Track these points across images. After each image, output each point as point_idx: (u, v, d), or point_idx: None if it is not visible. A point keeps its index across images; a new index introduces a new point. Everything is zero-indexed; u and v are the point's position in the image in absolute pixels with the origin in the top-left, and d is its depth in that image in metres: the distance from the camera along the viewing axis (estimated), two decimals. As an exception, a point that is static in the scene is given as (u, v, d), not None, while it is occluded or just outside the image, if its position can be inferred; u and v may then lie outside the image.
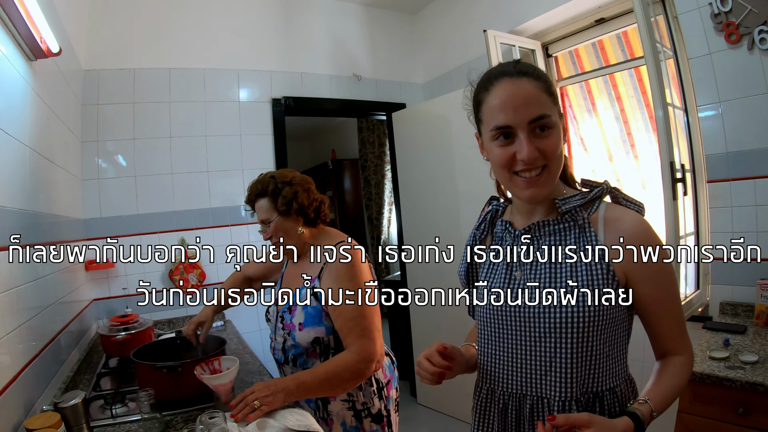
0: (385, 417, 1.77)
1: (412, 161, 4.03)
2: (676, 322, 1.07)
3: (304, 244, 1.84)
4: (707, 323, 2.22)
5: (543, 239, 1.10)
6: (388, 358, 1.88)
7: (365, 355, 1.61)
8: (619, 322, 1.05)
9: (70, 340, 2.18)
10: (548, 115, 0.99)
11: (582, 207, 1.06)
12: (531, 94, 0.99)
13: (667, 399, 1.02)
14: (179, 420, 1.59)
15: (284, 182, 1.78)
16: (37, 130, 1.89)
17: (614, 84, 3.17)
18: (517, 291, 1.10)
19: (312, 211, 1.81)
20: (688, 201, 2.36)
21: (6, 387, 1.32)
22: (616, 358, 1.07)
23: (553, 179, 1.03)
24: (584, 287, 1.01)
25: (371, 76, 4.09)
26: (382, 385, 1.78)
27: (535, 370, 1.07)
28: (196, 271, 3.21)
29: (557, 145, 1.00)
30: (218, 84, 3.37)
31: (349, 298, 1.64)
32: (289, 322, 1.73)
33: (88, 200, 2.95)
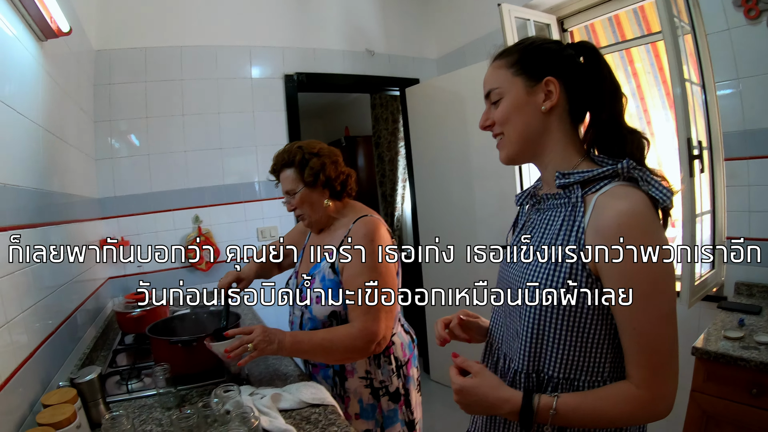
0: (402, 396, 1.74)
1: (426, 136, 4.00)
2: (642, 346, 0.92)
3: (329, 217, 1.80)
4: (722, 303, 2.21)
5: (543, 212, 1.10)
6: (408, 336, 1.85)
7: (366, 333, 1.56)
8: (586, 316, 0.96)
9: (86, 317, 2.22)
10: (494, 88, 1.08)
11: (581, 184, 1.00)
12: (487, 75, 1.11)
13: (579, 413, 0.94)
14: (194, 394, 1.62)
15: (312, 153, 1.73)
16: (49, 110, 1.90)
17: (630, 59, 3.12)
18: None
19: (338, 184, 1.76)
20: (705, 179, 2.33)
21: (22, 364, 1.35)
22: (583, 350, 0.98)
23: (510, 144, 1.08)
24: (551, 264, 0.98)
25: (384, 51, 4.04)
26: (401, 364, 1.75)
27: (511, 333, 1.09)
28: (211, 247, 3.24)
29: (504, 113, 1.06)
30: (230, 61, 3.36)
31: (360, 273, 1.60)
32: (308, 294, 1.72)
33: (102, 179, 2.98)
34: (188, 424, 1.24)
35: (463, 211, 3.68)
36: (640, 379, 0.91)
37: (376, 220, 1.72)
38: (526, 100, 1.04)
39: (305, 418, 1.39)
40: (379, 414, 1.71)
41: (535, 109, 1.04)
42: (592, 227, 0.94)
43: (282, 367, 1.83)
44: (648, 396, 0.91)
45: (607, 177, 0.98)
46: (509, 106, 1.06)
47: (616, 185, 0.95)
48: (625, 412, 0.92)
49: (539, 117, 1.04)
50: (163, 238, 3.15)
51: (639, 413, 0.93)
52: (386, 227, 1.73)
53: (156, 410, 1.51)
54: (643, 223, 0.90)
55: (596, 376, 0.98)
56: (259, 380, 1.71)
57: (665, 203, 0.94)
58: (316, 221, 1.79)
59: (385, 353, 1.71)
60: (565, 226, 0.99)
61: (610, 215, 0.91)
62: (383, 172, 5.56)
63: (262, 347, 1.47)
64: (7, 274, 1.31)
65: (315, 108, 6.64)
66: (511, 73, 1.06)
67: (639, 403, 0.91)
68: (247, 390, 1.52)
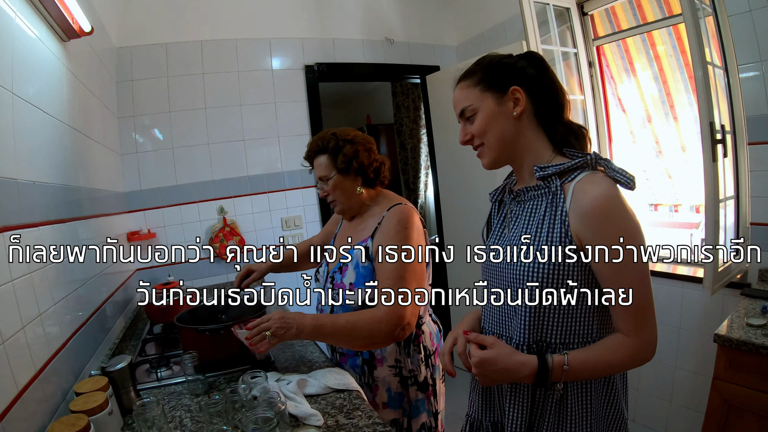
0: (430, 386, 1.74)
1: (447, 124, 3.98)
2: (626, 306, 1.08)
3: (362, 205, 1.80)
4: (745, 290, 2.19)
5: (525, 203, 1.22)
6: (437, 326, 1.86)
7: (392, 317, 1.53)
8: (579, 283, 1.10)
9: (114, 309, 2.27)
10: (467, 106, 1.21)
11: (559, 175, 1.14)
12: (456, 97, 1.25)
13: (587, 365, 1.08)
14: (222, 381, 1.65)
15: (345, 140, 1.74)
16: (74, 109, 1.94)
17: (652, 43, 3.06)
18: (501, 246, 1.24)
19: (371, 172, 1.77)
20: (728, 164, 2.28)
21: (55, 354, 1.39)
22: (578, 317, 1.12)
23: (491, 151, 1.22)
24: (540, 246, 1.11)
25: (404, 39, 4.03)
26: (430, 353, 1.74)
27: (506, 315, 1.22)
28: (236, 238, 3.29)
29: (480, 125, 1.20)
30: (250, 53, 3.39)
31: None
32: (340, 281, 1.70)
33: (128, 174, 3.04)
34: (216, 409, 1.28)
35: (485, 197, 3.62)
36: (628, 330, 1.09)
37: (410, 208, 1.72)
38: (498, 110, 1.18)
39: (330, 403, 1.42)
40: (406, 403, 1.71)
41: (508, 117, 1.18)
42: (574, 210, 1.09)
43: (307, 353, 1.86)
44: (638, 342, 1.09)
45: (579, 167, 1.13)
46: (485, 119, 1.19)
47: (588, 174, 1.11)
48: (623, 357, 1.09)
49: (512, 123, 1.19)
50: (188, 230, 3.22)
51: (632, 358, 1.09)
52: (419, 216, 1.73)
53: (185, 397, 1.55)
54: (615, 203, 1.06)
55: (587, 338, 1.14)
56: (285, 367, 1.74)
57: (628, 185, 1.09)
58: (348, 208, 1.79)
59: (414, 342, 1.71)
60: (549, 211, 1.13)
61: (588, 199, 1.06)
62: (406, 159, 5.56)
63: (280, 333, 1.47)
64: (38, 268, 1.36)
65: (336, 97, 6.64)
66: (479, 90, 1.20)
67: (631, 349, 1.09)
68: (273, 376, 1.55)
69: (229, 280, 3.31)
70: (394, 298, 1.54)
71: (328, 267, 1.84)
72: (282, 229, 3.50)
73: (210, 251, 3.26)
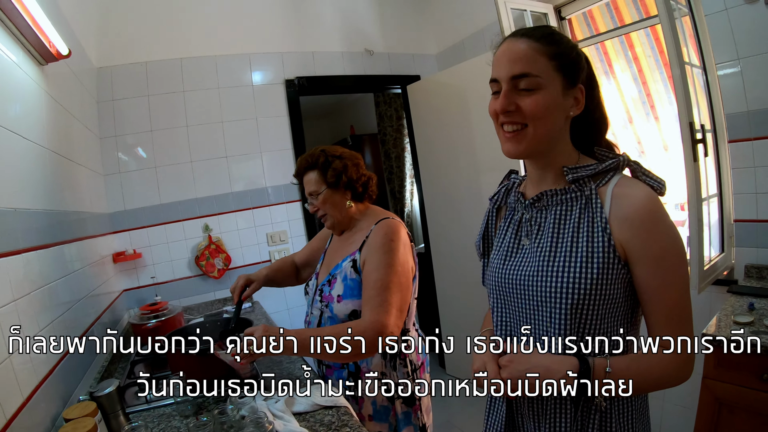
0: (417, 400, 1.74)
1: (430, 132, 4.01)
2: (671, 317, 0.99)
3: (351, 219, 1.84)
4: (732, 287, 2.20)
5: (550, 208, 1.10)
6: (422, 341, 1.86)
7: (375, 326, 1.52)
8: (618, 300, 1.01)
9: (102, 331, 2.25)
10: (533, 75, 0.99)
11: (591, 178, 1.04)
12: (521, 52, 1.01)
13: (631, 371, 0.97)
14: (211, 401, 1.63)
15: (334, 156, 1.78)
16: (54, 132, 1.93)
17: (631, 44, 3.10)
18: (522, 258, 1.12)
19: (360, 186, 1.81)
20: (710, 162, 2.31)
21: (43, 381, 1.38)
22: (612, 329, 1.03)
23: (533, 139, 1.03)
24: (582, 259, 1.00)
25: (383, 50, 4.06)
26: (416, 367, 1.76)
27: (533, 336, 1.09)
28: (222, 255, 3.28)
29: (538, 106, 1.00)
30: (231, 69, 3.39)
31: (376, 269, 1.61)
32: (328, 294, 1.74)
33: (112, 194, 3.02)
34: (205, 431, 1.27)
35: (471, 205, 3.68)
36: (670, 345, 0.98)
37: (398, 222, 1.75)
38: (561, 102, 1.02)
39: (319, 421, 1.41)
40: (392, 417, 1.72)
41: (564, 113, 1.04)
42: (617, 217, 0.99)
43: (296, 370, 1.85)
44: (681, 358, 0.98)
45: (611, 170, 1.04)
46: (544, 101, 1.00)
47: (621, 177, 1.03)
48: (665, 372, 0.99)
49: (563, 120, 1.05)
50: (174, 249, 3.20)
51: (674, 374, 0.99)
52: (407, 230, 1.76)
53: (174, 419, 1.53)
54: (662, 207, 0.98)
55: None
56: (272, 385, 1.73)
57: (661, 190, 1.01)
58: (338, 222, 1.83)
59: (400, 356, 1.72)
60: (585, 219, 1.03)
61: (635, 203, 0.98)
62: (391, 169, 5.57)
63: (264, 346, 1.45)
64: (24, 294, 1.35)
65: (320, 108, 6.65)
66: (552, 67, 1.01)
67: (675, 363, 0.98)
68: (261, 395, 1.55)
69: (216, 297, 3.30)
70: (378, 308, 1.56)
71: (318, 280, 1.87)
72: (268, 244, 3.49)
73: (196, 269, 3.24)
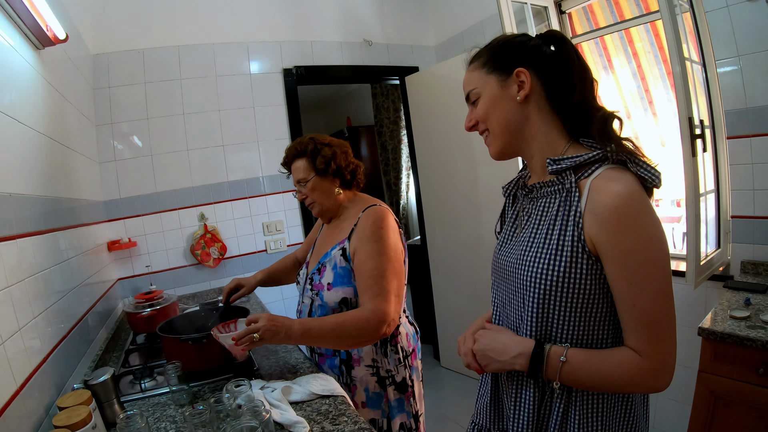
0: (409, 387, 1.77)
1: (427, 124, 4.00)
2: (641, 321, 0.95)
3: (339, 206, 1.86)
4: (728, 282, 2.21)
5: (538, 200, 1.12)
6: (413, 328, 1.89)
7: (377, 314, 1.56)
8: (593, 297, 1.00)
9: (97, 319, 2.24)
10: (471, 89, 1.15)
11: (573, 170, 1.03)
12: (465, 79, 1.17)
13: (586, 368, 0.98)
14: (206, 390, 1.64)
15: (323, 143, 1.80)
16: (50, 117, 1.91)
17: (630, 40, 3.10)
18: (513, 246, 1.16)
19: (348, 173, 1.84)
20: (708, 158, 2.32)
21: (37, 369, 1.37)
22: (588, 327, 1.02)
23: (495, 139, 1.14)
24: (552, 250, 1.01)
25: (382, 40, 4.04)
26: (407, 354, 1.79)
27: (514, 319, 1.13)
28: (217, 244, 3.27)
29: (483, 108, 1.12)
30: (228, 58, 3.37)
31: (370, 258, 1.63)
32: (318, 282, 1.75)
33: (107, 182, 3.00)
34: (201, 420, 1.26)
35: (467, 198, 3.69)
36: (640, 349, 0.95)
37: (385, 209, 1.77)
38: (501, 93, 1.09)
39: (316, 410, 1.41)
40: (385, 404, 1.74)
41: (511, 101, 1.09)
42: (590, 210, 0.97)
43: (291, 359, 1.85)
44: (649, 365, 0.95)
45: (597, 161, 1.01)
46: (486, 102, 1.12)
47: (607, 168, 0.99)
48: (628, 376, 0.96)
49: (516, 108, 1.09)
50: (169, 238, 3.19)
51: (640, 381, 0.96)
52: (394, 217, 1.78)
53: (170, 407, 1.53)
54: (638, 203, 0.94)
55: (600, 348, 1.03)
56: (269, 374, 1.73)
57: (654, 183, 0.98)
58: (327, 209, 1.84)
59: (391, 342, 1.74)
60: (562, 211, 1.02)
61: (606, 198, 0.94)
62: (387, 161, 5.57)
63: (268, 336, 1.47)
64: (17, 281, 1.34)
65: (316, 100, 6.64)
66: (484, 72, 1.12)
67: (641, 370, 0.95)
68: (258, 384, 1.54)
69: (211, 287, 3.29)
70: (377, 297, 1.59)
71: (308, 269, 1.88)
72: (264, 234, 3.48)
73: (192, 258, 3.24)
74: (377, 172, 5.91)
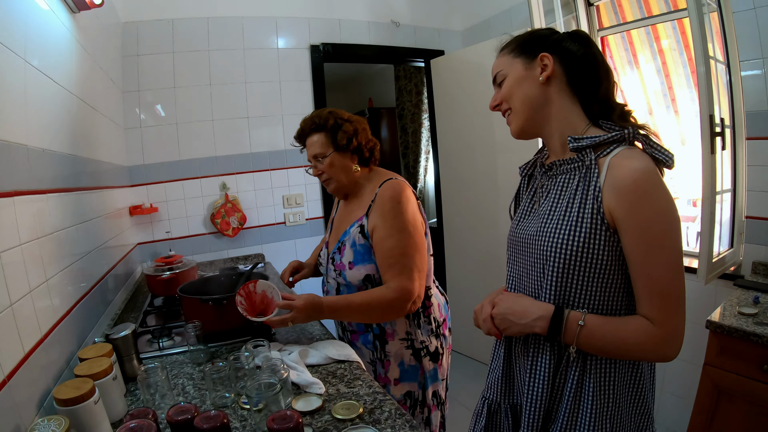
0: (441, 355, 1.78)
1: (450, 108, 4.00)
2: (654, 290, 1.02)
3: (356, 183, 1.81)
4: (738, 281, 2.22)
5: (558, 177, 1.18)
6: (444, 298, 1.89)
7: (402, 293, 1.58)
8: (609, 269, 1.06)
9: (116, 281, 2.29)
10: (498, 71, 1.22)
11: (593, 148, 1.09)
12: (494, 63, 1.24)
13: (602, 332, 1.04)
14: (224, 351, 1.67)
15: (343, 119, 1.76)
16: (81, 79, 1.95)
17: (657, 36, 3.08)
18: (531, 221, 1.22)
19: (368, 150, 1.79)
20: (726, 157, 2.31)
21: (60, 320, 1.41)
22: (604, 296, 1.08)
23: (517, 117, 1.20)
24: (572, 223, 1.07)
25: (410, 22, 4.02)
26: (439, 324, 1.79)
27: (532, 289, 1.18)
28: (237, 214, 3.32)
29: (507, 88, 1.20)
30: (256, 32, 3.38)
31: (390, 235, 1.62)
32: (340, 261, 1.73)
33: (131, 148, 3.05)
34: (220, 376, 1.31)
35: (486, 183, 3.71)
36: (653, 318, 1.02)
37: (402, 182, 1.73)
38: (525, 74, 1.17)
39: (331, 373, 1.45)
40: (421, 375, 1.75)
41: (534, 81, 1.16)
42: (609, 185, 1.03)
43: (308, 326, 1.89)
44: (661, 333, 1.01)
45: (615, 141, 1.08)
46: (511, 82, 1.19)
47: (625, 148, 1.05)
48: (640, 342, 1.02)
49: (539, 88, 1.15)
50: (190, 205, 3.24)
51: (652, 348, 1.02)
52: (411, 189, 1.75)
53: (187, 366, 1.58)
54: (655, 179, 1.00)
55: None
56: (286, 339, 1.76)
57: (667, 163, 1.06)
58: (343, 186, 1.81)
59: (424, 313, 1.75)
60: (582, 186, 1.08)
61: (626, 173, 1.01)
62: (406, 144, 5.57)
63: (299, 321, 1.55)
64: (44, 235, 1.38)
65: (338, 80, 6.64)
66: (512, 57, 1.20)
67: (652, 337, 1.01)
68: (275, 347, 1.59)
69: (229, 256, 3.35)
70: (400, 275, 1.59)
71: (328, 248, 1.86)
72: (283, 206, 3.53)
73: (211, 226, 3.29)
74: (396, 155, 5.91)
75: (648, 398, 1.15)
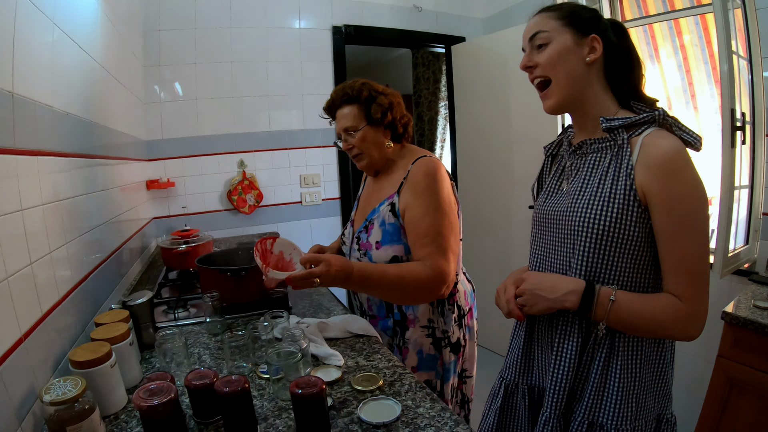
0: (462, 347, 1.67)
1: (469, 96, 3.99)
2: (683, 266, 1.03)
3: (387, 160, 1.69)
4: (753, 276, 2.22)
5: (588, 155, 1.18)
6: (471, 285, 1.78)
7: (439, 273, 1.45)
8: (639, 245, 1.07)
9: (131, 254, 2.30)
10: (543, 31, 1.15)
11: (625, 128, 1.10)
12: (535, 20, 1.18)
13: (633, 308, 1.05)
14: (241, 323, 1.65)
15: (378, 91, 1.63)
16: (105, 49, 1.95)
17: (679, 31, 3.04)
18: (559, 198, 1.22)
19: (401, 126, 1.67)
20: (745, 153, 2.30)
21: (78, 284, 1.42)
22: (634, 272, 1.09)
23: (560, 91, 1.15)
24: (604, 199, 1.08)
25: (431, 7, 4.00)
26: (464, 313, 1.67)
27: (560, 266, 1.19)
28: (254, 192, 3.33)
29: (551, 55, 1.13)
30: (279, 10, 3.37)
31: (426, 214, 1.49)
32: (366, 241, 1.62)
33: (150, 122, 3.06)
34: (238, 344, 1.30)
35: (501, 172, 3.70)
36: (681, 295, 1.03)
37: (436, 160, 1.61)
38: (573, 49, 1.13)
39: (350, 346, 1.44)
40: (440, 365, 1.64)
41: (580, 59, 1.13)
42: (642, 163, 1.04)
43: (325, 302, 1.89)
44: (687, 310, 1.03)
45: (646, 122, 1.09)
46: (556, 51, 1.13)
47: (655, 129, 1.07)
48: (669, 318, 1.03)
49: (583, 67, 1.13)
50: (207, 181, 3.26)
51: (678, 324, 1.04)
52: (445, 168, 1.62)
53: (203, 335, 1.57)
54: (686, 158, 1.02)
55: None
56: (303, 313, 1.75)
57: (695, 145, 1.08)
58: (374, 162, 1.68)
59: (449, 300, 1.63)
60: (614, 164, 1.10)
61: (659, 151, 1.02)
62: (422, 131, 5.55)
63: (326, 281, 1.34)
64: (65, 197, 1.39)
65: (355, 65, 6.58)
66: (561, 24, 1.14)
67: (680, 313, 1.03)
68: (293, 320, 1.58)
69: (244, 233, 3.36)
70: (436, 255, 1.47)
71: (354, 227, 1.77)
72: (300, 186, 3.54)
73: (228, 203, 3.31)
74: (411, 142, 5.91)
75: (670, 380, 1.17)
